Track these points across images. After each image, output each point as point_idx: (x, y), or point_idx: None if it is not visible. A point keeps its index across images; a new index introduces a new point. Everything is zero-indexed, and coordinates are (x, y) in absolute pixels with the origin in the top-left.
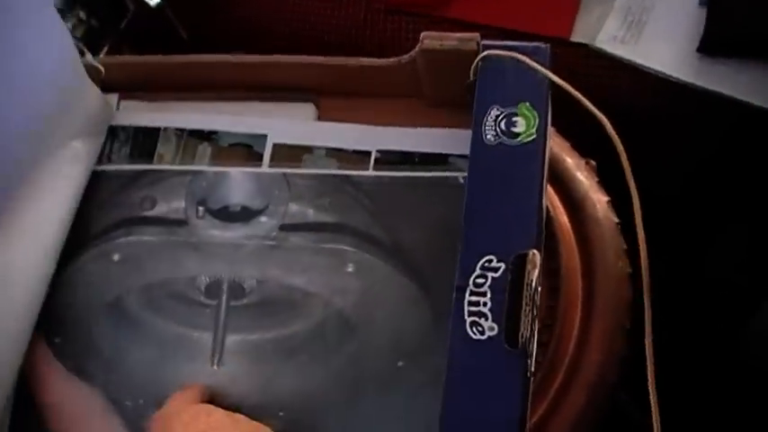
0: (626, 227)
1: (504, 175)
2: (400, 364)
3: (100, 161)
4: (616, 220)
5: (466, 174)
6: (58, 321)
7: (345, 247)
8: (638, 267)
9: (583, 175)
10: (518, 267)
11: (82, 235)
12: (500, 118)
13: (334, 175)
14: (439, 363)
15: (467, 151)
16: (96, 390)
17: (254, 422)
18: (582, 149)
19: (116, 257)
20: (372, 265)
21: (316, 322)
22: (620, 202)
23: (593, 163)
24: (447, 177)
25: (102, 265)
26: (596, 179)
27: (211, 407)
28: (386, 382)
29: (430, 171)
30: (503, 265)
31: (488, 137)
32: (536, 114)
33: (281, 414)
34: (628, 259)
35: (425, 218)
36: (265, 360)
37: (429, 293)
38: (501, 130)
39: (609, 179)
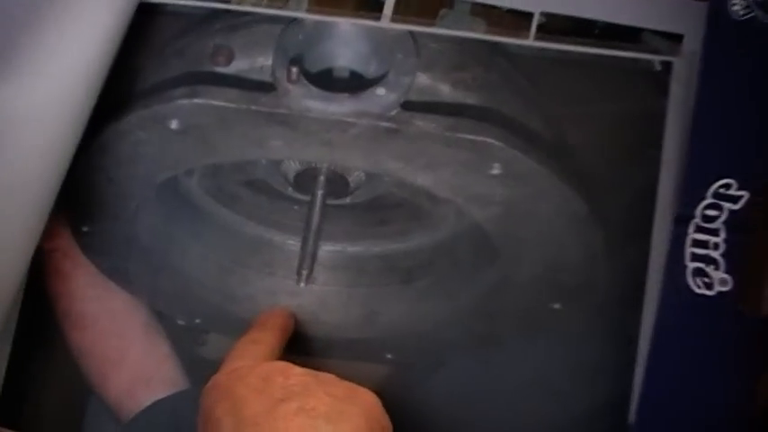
0: None
1: (755, 65)
2: (556, 306)
3: None
4: None
5: (664, 57)
6: (88, 204)
7: (491, 140)
8: None
9: None
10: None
11: (127, 89)
12: None
13: (482, 42)
14: (605, 309)
15: (669, 26)
16: (137, 299)
17: (347, 383)
18: None
19: (174, 124)
20: (527, 169)
21: (443, 238)
22: None
23: None
24: (639, 60)
25: (154, 132)
26: None
27: (287, 365)
28: (533, 328)
29: (615, 48)
30: (745, 195)
31: (735, 8)
32: None
33: (387, 357)
34: None
35: (604, 111)
36: (371, 282)
37: (602, 214)
38: (756, 1)
39: None
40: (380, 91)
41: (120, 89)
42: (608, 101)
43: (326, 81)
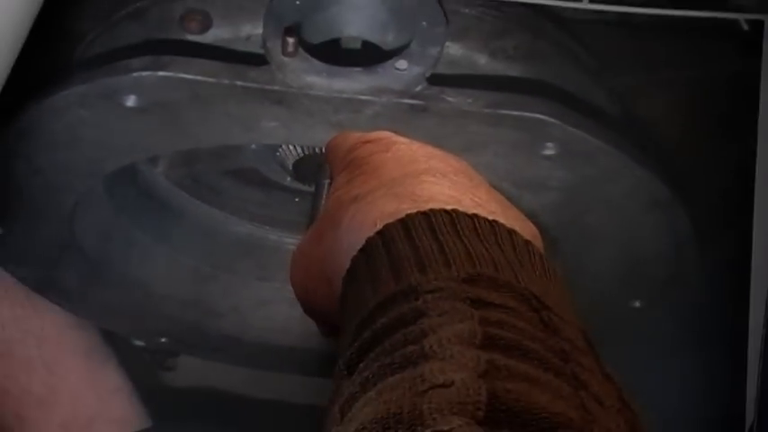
0: None
1: None
2: (636, 304)
3: None
4: None
5: (752, 15)
6: (4, 199)
7: (542, 116)
8: None
9: None
10: None
11: (63, 58)
12: None
13: (527, 5)
14: (695, 304)
15: None
16: (76, 318)
17: None
18: None
19: (131, 101)
20: (587, 147)
21: None
22: None
23: None
24: (719, 20)
25: (101, 110)
26: None
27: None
28: (609, 331)
29: (690, 9)
30: None
31: None
32: None
33: None
34: None
35: (679, 79)
36: None
37: (685, 198)
38: None
39: None
40: (402, 64)
41: (54, 58)
42: (685, 67)
43: (332, 53)
